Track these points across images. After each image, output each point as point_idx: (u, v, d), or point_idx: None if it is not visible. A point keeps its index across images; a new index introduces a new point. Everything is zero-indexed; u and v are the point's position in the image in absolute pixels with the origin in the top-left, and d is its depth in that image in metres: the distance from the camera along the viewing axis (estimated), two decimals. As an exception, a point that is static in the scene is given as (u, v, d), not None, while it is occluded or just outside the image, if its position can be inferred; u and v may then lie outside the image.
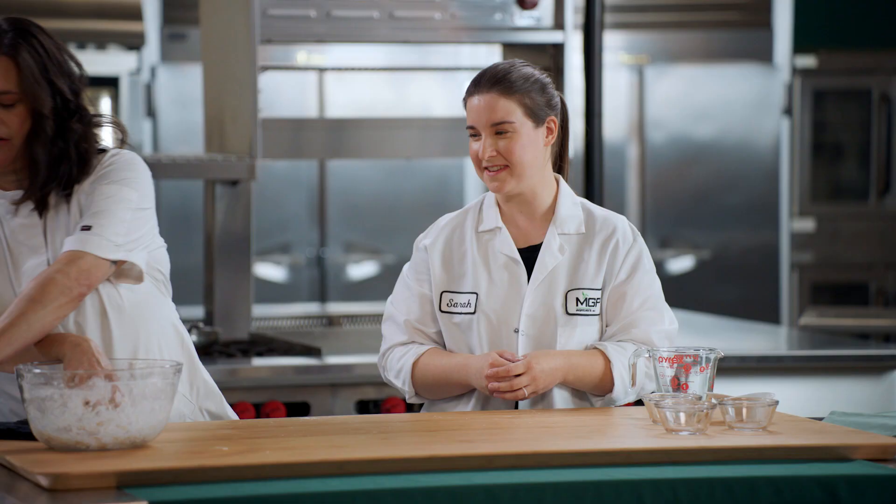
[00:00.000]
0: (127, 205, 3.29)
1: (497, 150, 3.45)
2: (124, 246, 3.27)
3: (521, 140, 3.46)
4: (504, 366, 3.37)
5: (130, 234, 3.28)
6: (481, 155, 3.46)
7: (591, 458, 2.95)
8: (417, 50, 7.35)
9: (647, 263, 3.56)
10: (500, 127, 3.45)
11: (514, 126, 3.45)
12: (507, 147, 3.45)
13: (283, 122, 5.29)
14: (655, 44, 8.09)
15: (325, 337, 5.37)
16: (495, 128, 3.45)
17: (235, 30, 5.05)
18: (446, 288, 3.53)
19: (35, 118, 3.26)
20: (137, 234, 3.30)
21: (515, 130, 3.45)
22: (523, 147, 3.46)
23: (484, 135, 3.46)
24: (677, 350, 3.33)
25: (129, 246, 3.28)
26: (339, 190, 7.80)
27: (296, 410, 4.64)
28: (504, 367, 3.37)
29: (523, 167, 3.47)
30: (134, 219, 3.29)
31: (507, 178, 3.47)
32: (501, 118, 3.45)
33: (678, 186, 8.15)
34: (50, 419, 2.93)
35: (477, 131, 3.47)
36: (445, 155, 5.83)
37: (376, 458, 2.88)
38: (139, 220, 3.31)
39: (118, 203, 3.28)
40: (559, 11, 5.23)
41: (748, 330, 6.09)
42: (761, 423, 3.17)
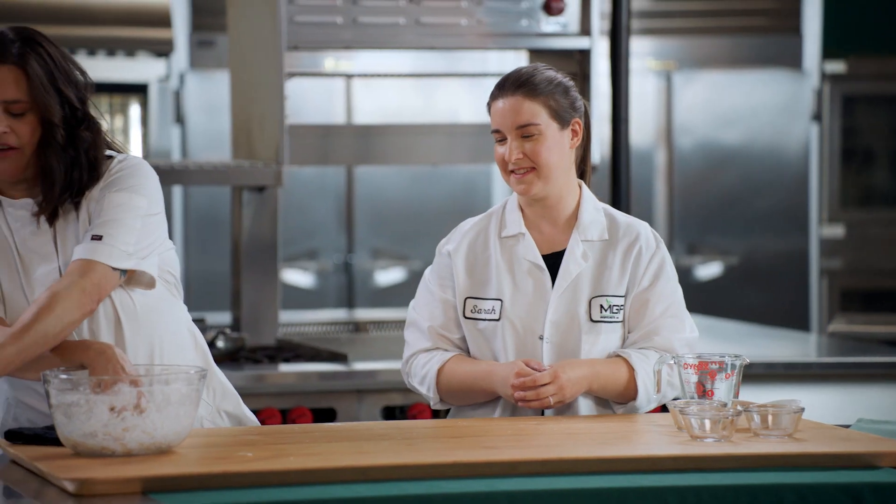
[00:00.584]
0: (136, 212, 3.29)
1: (523, 153, 3.45)
2: (135, 254, 3.28)
3: (547, 142, 3.46)
4: (530, 375, 3.37)
5: (141, 242, 3.29)
6: (507, 157, 3.46)
7: (616, 464, 2.95)
8: (444, 56, 7.35)
9: (670, 270, 3.56)
10: (525, 129, 3.46)
11: (539, 128, 3.45)
12: (534, 149, 3.45)
13: (310, 129, 5.30)
14: (683, 49, 8.07)
15: (352, 343, 5.37)
16: (521, 130, 3.46)
17: (262, 36, 5.07)
18: (470, 294, 3.53)
19: (45, 127, 3.26)
20: (148, 241, 3.31)
21: (541, 132, 3.46)
22: (549, 149, 3.46)
23: (510, 138, 3.46)
24: (702, 356, 3.33)
25: (141, 254, 3.29)
26: (366, 196, 7.81)
27: (322, 416, 4.65)
28: (530, 377, 3.37)
29: (550, 169, 3.47)
30: (144, 226, 3.30)
31: (534, 180, 3.47)
32: (527, 120, 3.45)
33: (706, 192, 8.12)
34: (76, 425, 2.94)
35: (503, 135, 3.48)
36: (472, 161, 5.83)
37: (400, 465, 2.89)
38: (149, 227, 3.32)
39: (128, 211, 3.28)
40: (585, 17, 5.23)
41: (776, 337, 6.07)
42: (787, 431, 3.16)
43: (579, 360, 3.45)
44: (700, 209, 8.13)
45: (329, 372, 4.74)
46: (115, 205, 3.28)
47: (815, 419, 3.36)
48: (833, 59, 8.28)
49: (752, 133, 8.16)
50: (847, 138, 8.42)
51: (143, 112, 7.30)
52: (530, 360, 3.42)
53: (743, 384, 3.35)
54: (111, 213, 3.27)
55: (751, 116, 8.15)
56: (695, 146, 8.14)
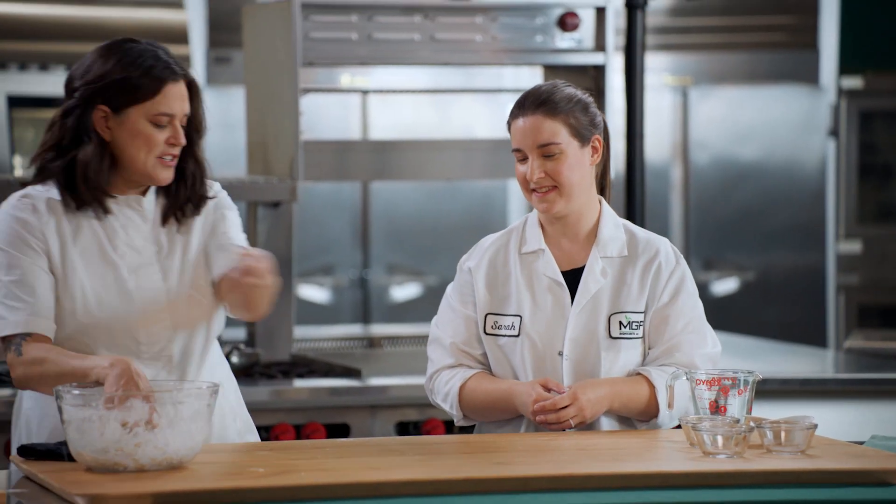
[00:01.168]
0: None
1: (545, 172, 3.46)
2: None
3: (569, 160, 3.47)
4: (549, 399, 3.37)
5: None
6: (529, 177, 3.47)
7: (628, 480, 2.95)
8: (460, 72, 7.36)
9: (690, 286, 3.56)
10: (546, 149, 3.46)
11: (560, 147, 3.46)
12: (555, 168, 3.46)
13: (325, 145, 5.31)
14: (699, 65, 8.07)
15: (366, 358, 5.37)
16: (542, 149, 3.47)
17: (278, 53, 5.08)
18: (491, 310, 3.54)
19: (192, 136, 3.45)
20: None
21: (562, 151, 3.47)
22: (570, 167, 3.47)
23: (531, 157, 3.47)
24: (715, 373, 3.32)
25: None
26: (382, 212, 7.81)
27: (336, 432, 4.65)
28: (550, 400, 3.37)
29: (571, 187, 3.48)
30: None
31: (556, 198, 3.48)
32: (548, 139, 3.46)
33: (722, 208, 8.11)
34: (88, 440, 2.95)
35: (524, 154, 3.49)
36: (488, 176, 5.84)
37: (411, 480, 2.89)
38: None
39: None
40: (600, 33, 5.24)
41: (793, 353, 6.05)
42: (800, 447, 3.15)
43: (599, 380, 3.46)
44: (716, 224, 8.12)
45: (342, 387, 4.74)
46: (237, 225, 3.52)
47: (830, 435, 3.35)
48: (850, 74, 8.27)
49: (768, 148, 8.15)
50: (864, 154, 8.40)
51: (160, 127, 7.31)
52: (548, 380, 3.42)
53: (758, 400, 3.34)
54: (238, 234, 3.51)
55: (767, 132, 8.14)
56: (711, 162, 8.13)
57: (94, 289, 3.36)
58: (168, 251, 3.44)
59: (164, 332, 3.40)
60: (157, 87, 3.33)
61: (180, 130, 3.37)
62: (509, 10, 5.19)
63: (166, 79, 3.34)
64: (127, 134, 3.35)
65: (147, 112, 3.33)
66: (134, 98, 3.32)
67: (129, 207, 3.42)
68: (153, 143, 3.34)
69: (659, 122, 7.92)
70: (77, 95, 3.36)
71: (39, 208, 3.37)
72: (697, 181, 8.10)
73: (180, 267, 3.44)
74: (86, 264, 3.37)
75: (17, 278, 3.31)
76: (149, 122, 3.34)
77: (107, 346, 3.35)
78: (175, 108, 3.35)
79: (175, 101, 3.35)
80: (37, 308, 3.30)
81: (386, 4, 5.08)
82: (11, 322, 3.29)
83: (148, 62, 3.33)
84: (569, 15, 5.22)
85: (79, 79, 3.36)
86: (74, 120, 3.36)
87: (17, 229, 3.35)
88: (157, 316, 3.39)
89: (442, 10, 5.14)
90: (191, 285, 3.44)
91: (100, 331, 3.35)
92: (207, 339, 3.48)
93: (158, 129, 3.35)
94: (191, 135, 3.43)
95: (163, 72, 3.34)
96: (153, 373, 3.36)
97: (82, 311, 3.34)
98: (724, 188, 8.13)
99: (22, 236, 3.34)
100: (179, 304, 3.42)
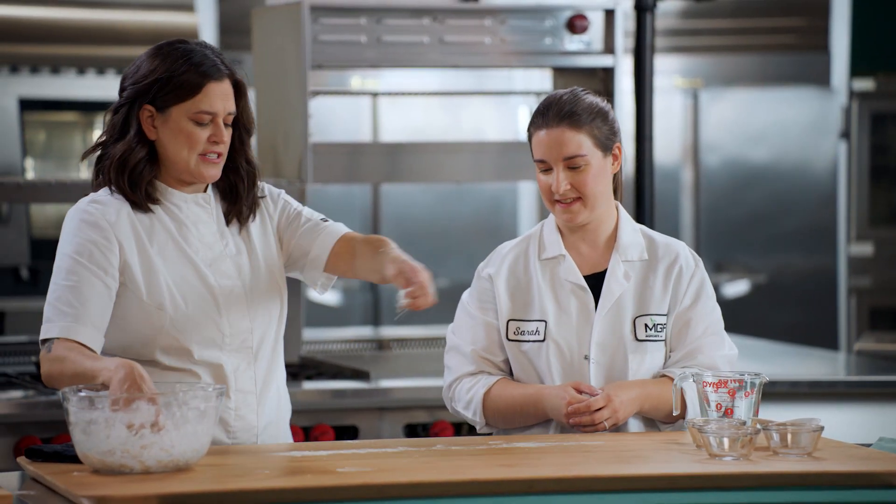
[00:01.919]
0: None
1: (570, 184, 3.47)
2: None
3: (593, 171, 3.48)
4: (583, 401, 3.37)
5: None
6: (555, 189, 3.48)
7: (632, 482, 2.95)
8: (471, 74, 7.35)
9: (709, 289, 3.59)
10: (572, 161, 3.47)
11: (586, 159, 3.48)
12: (581, 180, 3.48)
13: (334, 147, 5.31)
14: (710, 67, 8.06)
15: (375, 360, 5.38)
16: (568, 162, 3.48)
17: (287, 55, 5.09)
18: (513, 316, 3.54)
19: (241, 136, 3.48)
20: None
21: (588, 163, 3.48)
22: (595, 178, 3.49)
23: (556, 169, 3.48)
24: (722, 375, 3.32)
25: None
26: (392, 214, 7.82)
27: (344, 434, 4.65)
28: (584, 402, 3.37)
29: (596, 198, 3.50)
30: None
31: (581, 209, 3.50)
32: (574, 152, 3.47)
33: (733, 210, 8.11)
34: (94, 442, 2.96)
35: (547, 165, 3.49)
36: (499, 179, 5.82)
37: (416, 483, 2.89)
38: None
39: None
40: (609, 35, 5.23)
41: (804, 355, 6.04)
42: (806, 449, 3.15)
43: (630, 382, 3.47)
44: (727, 227, 8.11)
45: (351, 389, 4.75)
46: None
47: (838, 438, 3.35)
48: (861, 76, 8.26)
49: (779, 151, 8.14)
50: (875, 156, 8.38)
51: (171, 130, 7.32)
52: (579, 383, 3.43)
53: (767, 403, 3.34)
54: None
55: (778, 134, 8.13)
56: (722, 164, 8.12)
57: (178, 284, 3.39)
58: (235, 250, 3.47)
59: (244, 322, 3.42)
60: (198, 86, 3.35)
61: (223, 128, 3.38)
62: (518, 12, 5.19)
63: (208, 77, 3.36)
64: (170, 132, 3.38)
65: (188, 110, 3.36)
66: (176, 96, 3.35)
67: (196, 204, 3.45)
68: (195, 141, 3.36)
69: (669, 125, 7.91)
70: (125, 95, 3.40)
71: (110, 211, 3.39)
72: (708, 183, 8.09)
73: (249, 265, 3.47)
74: (165, 261, 3.40)
75: (73, 284, 3.32)
76: (190, 120, 3.36)
77: (196, 341, 3.38)
78: (217, 107, 3.37)
79: (217, 99, 3.36)
80: (82, 317, 3.30)
81: (395, 7, 5.09)
82: (56, 326, 3.30)
83: (193, 61, 3.36)
84: (577, 17, 5.21)
85: (129, 78, 3.41)
86: (120, 119, 3.40)
87: (88, 235, 3.35)
88: (237, 308, 3.42)
89: (451, 13, 5.14)
90: (262, 280, 3.47)
91: (189, 324, 3.37)
92: (278, 330, 3.52)
93: (200, 128, 3.37)
94: (241, 135, 3.46)
95: (206, 70, 3.36)
96: (236, 363, 3.40)
97: (171, 307, 3.37)
98: (735, 190, 8.12)
99: (94, 242, 3.34)
100: (255, 297, 3.45)
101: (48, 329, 3.30)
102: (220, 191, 3.48)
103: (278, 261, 3.52)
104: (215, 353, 3.39)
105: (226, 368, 3.39)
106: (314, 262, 3.52)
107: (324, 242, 3.51)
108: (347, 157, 5.31)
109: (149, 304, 3.37)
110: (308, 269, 3.54)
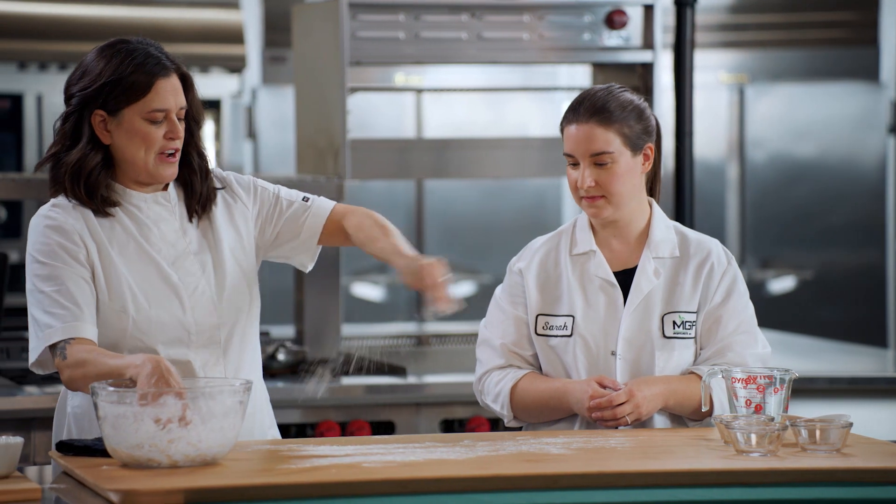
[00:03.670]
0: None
1: (595, 181, 3.47)
2: None
3: (620, 170, 3.47)
4: (605, 396, 3.38)
5: None
6: (580, 185, 3.48)
7: (657, 478, 2.94)
8: (514, 70, 7.36)
9: (742, 287, 3.56)
10: (599, 158, 3.47)
11: (612, 156, 3.47)
12: (606, 178, 3.47)
13: (372, 143, 5.33)
14: (756, 62, 8.02)
15: (414, 356, 5.39)
16: (594, 158, 3.47)
17: (326, 52, 5.11)
18: (542, 311, 3.55)
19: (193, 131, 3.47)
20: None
21: (614, 161, 3.47)
22: (621, 178, 3.47)
23: (583, 164, 3.48)
24: (751, 371, 3.31)
25: None
26: (436, 210, 7.83)
27: (381, 429, 4.67)
28: (606, 397, 3.37)
29: (621, 196, 3.49)
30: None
31: (605, 205, 3.50)
32: (601, 149, 3.46)
33: (779, 206, 8.06)
34: (123, 437, 2.98)
35: (575, 159, 3.49)
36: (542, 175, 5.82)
37: (439, 477, 2.90)
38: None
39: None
40: (648, 31, 5.22)
41: (848, 352, 6.01)
42: (835, 446, 3.14)
43: (654, 377, 3.46)
44: (773, 223, 8.07)
45: (387, 385, 4.76)
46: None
47: (877, 435, 3.33)
48: (911, 70, 8.19)
49: (826, 146, 8.09)
50: (925, 151, 8.31)
51: (216, 127, 7.37)
52: (603, 377, 3.43)
53: (806, 399, 3.33)
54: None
55: (826, 129, 8.08)
56: (768, 159, 8.08)
57: (140, 285, 3.40)
58: (198, 247, 3.47)
59: (211, 318, 3.44)
60: (147, 85, 3.33)
61: (177, 124, 3.38)
62: (557, 8, 5.19)
63: (156, 75, 3.33)
64: (125, 134, 3.37)
65: (141, 110, 3.34)
66: (126, 98, 3.33)
67: (156, 203, 3.45)
68: (151, 141, 3.37)
69: (715, 120, 7.88)
70: (74, 102, 3.37)
71: (71, 215, 3.39)
72: (754, 179, 8.05)
73: (214, 260, 3.47)
74: (126, 263, 3.40)
75: (58, 288, 3.34)
76: (144, 119, 3.35)
77: (162, 341, 3.39)
78: (169, 103, 3.36)
79: (168, 95, 3.35)
80: (78, 314, 3.33)
81: (433, 3, 5.09)
82: (58, 329, 3.32)
83: (137, 61, 3.33)
84: (616, 13, 5.21)
85: (74, 84, 3.37)
86: (71, 126, 3.38)
87: (54, 239, 3.37)
88: (203, 304, 3.43)
89: (489, 9, 5.14)
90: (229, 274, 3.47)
91: (153, 325, 3.39)
92: (249, 324, 3.51)
93: (155, 126, 3.36)
94: (190, 127, 3.44)
95: (152, 68, 3.33)
96: (204, 359, 3.42)
97: (134, 309, 3.38)
98: (781, 186, 8.08)
99: (61, 245, 3.37)
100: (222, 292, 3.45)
101: (50, 335, 3.31)
102: (180, 187, 3.47)
103: (250, 252, 3.52)
104: (182, 351, 3.40)
105: (194, 365, 3.40)
106: (304, 244, 3.55)
107: (312, 225, 3.53)
108: (386, 154, 5.32)
109: (111, 308, 3.38)
110: (297, 253, 3.56)
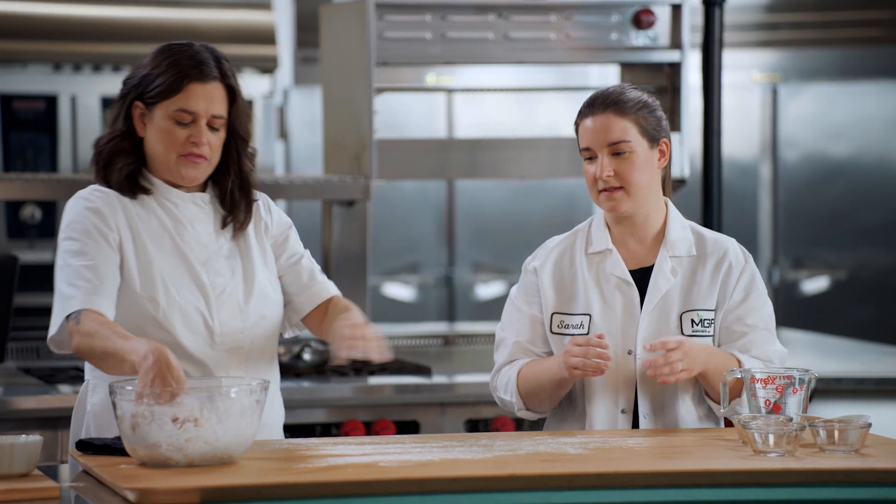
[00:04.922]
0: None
1: (614, 171, 3.46)
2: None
3: (638, 160, 3.47)
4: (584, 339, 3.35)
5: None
6: (599, 174, 3.47)
7: (673, 478, 2.94)
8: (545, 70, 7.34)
9: (760, 284, 3.56)
10: (617, 147, 3.47)
11: (630, 145, 3.47)
12: (625, 167, 3.46)
13: (399, 143, 5.33)
14: (789, 62, 7.98)
15: (440, 356, 5.39)
16: (612, 147, 3.47)
17: (353, 52, 5.12)
18: (557, 310, 3.54)
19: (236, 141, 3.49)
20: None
21: (632, 150, 3.47)
22: (639, 168, 3.47)
23: (601, 155, 3.47)
24: (771, 371, 3.30)
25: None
26: (467, 210, 7.83)
27: (405, 429, 4.67)
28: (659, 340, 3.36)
29: (639, 188, 3.48)
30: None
31: (623, 197, 3.49)
32: (619, 137, 3.46)
33: (812, 206, 8.02)
34: (140, 435, 3.00)
35: (593, 153, 3.49)
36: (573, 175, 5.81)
37: (455, 477, 2.90)
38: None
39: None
40: (676, 30, 5.21)
41: (880, 352, 5.97)
42: (854, 446, 3.12)
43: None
44: (806, 223, 8.03)
45: (412, 385, 4.77)
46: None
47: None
48: (947, 70, 8.14)
49: (861, 146, 8.04)
50: (961, 150, 8.25)
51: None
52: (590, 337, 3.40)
53: (831, 399, 3.31)
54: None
55: (860, 129, 8.03)
56: (801, 159, 8.04)
57: (171, 279, 3.43)
58: (229, 252, 3.49)
59: (236, 322, 3.45)
60: (179, 84, 3.39)
61: (203, 130, 3.41)
62: (584, 7, 5.18)
63: (191, 77, 3.39)
64: (154, 129, 3.44)
65: (169, 108, 3.41)
66: (160, 94, 3.40)
67: (193, 203, 3.49)
68: (173, 140, 3.41)
69: (747, 120, 7.85)
70: (121, 90, 3.48)
71: (110, 201, 3.45)
72: (787, 179, 8.02)
73: (244, 266, 3.49)
74: (160, 254, 3.45)
75: (86, 263, 3.39)
76: (171, 118, 3.41)
77: (186, 337, 3.41)
78: (198, 107, 3.40)
79: (198, 99, 3.39)
80: (99, 288, 3.37)
81: (460, 4, 5.10)
82: (77, 300, 3.36)
83: (181, 60, 3.40)
84: (644, 12, 5.20)
85: (129, 75, 3.48)
86: (116, 113, 3.48)
87: (90, 219, 3.43)
88: (229, 308, 3.45)
89: (516, 9, 5.14)
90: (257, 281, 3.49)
91: (180, 319, 3.41)
92: (273, 334, 3.54)
93: (180, 127, 3.41)
94: (236, 143, 3.47)
95: (189, 70, 3.39)
96: (226, 363, 3.44)
97: (165, 300, 3.41)
98: (815, 186, 8.04)
99: (95, 225, 3.42)
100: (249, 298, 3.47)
101: (70, 305, 3.35)
102: (217, 195, 3.51)
103: (274, 267, 3.56)
104: (206, 351, 3.42)
105: (215, 367, 3.42)
106: (295, 309, 3.58)
107: (312, 298, 3.56)
108: (413, 154, 5.33)
109: (142, 297, 3.41)
110: (286, 311, 3.58)
